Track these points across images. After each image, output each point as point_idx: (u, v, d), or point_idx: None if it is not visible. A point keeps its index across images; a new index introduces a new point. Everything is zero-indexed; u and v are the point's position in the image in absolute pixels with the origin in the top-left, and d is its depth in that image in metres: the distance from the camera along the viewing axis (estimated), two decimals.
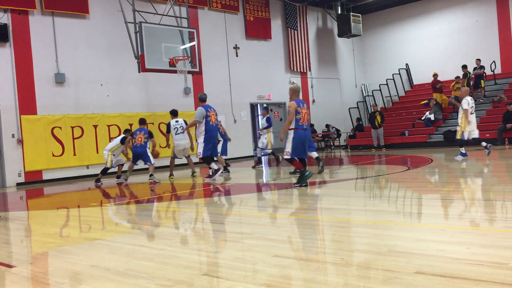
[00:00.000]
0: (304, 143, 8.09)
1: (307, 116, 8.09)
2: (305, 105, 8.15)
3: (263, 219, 6.00)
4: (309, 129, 8.29)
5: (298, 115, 7.95)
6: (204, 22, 17.53)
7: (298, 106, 7.97)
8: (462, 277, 2.99)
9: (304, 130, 8.04)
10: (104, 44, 14.98)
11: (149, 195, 9.57)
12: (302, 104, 8.06)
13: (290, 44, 20.60)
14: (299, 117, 7.95)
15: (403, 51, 22.62)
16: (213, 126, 10.33)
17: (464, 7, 20.90)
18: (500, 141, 15.27)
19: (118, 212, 7.73)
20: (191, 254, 4.25)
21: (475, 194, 6.85)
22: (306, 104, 8.30)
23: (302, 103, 8.09)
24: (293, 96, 8.26)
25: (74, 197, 10.38)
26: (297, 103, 8.01)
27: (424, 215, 5.50)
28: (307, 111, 8.15)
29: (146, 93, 16.01)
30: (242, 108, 18.80)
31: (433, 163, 11.54)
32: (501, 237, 4.04)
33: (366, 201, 6.67)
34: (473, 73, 18.01)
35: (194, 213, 6.94)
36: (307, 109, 8.18)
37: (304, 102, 8.20)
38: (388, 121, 19.21)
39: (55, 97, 14.03)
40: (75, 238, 5.52)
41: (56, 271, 3.99)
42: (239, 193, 8.93)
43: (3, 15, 13.15)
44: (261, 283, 3.16)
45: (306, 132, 8.12)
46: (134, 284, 3.35)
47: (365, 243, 4.17)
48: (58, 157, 13.84)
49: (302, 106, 8.03)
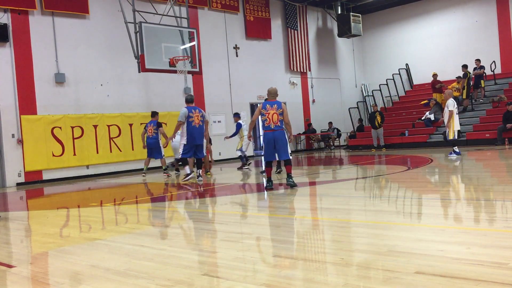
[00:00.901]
0: (274, 144, 8.02)
1: (276, 117, 7.96)
2: (274, 106, 8.01)
3: (263, 219, 6.00)
4: (279, 131, 8.02)
5: (263, 117, 8.07)
6: (204, 22, 17.53)
7: (263, 107, 8.08)
8: (462, 277, 2.99)
9: (272, 131, 8.02)
10: (104, 44, 14.98)
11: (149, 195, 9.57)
12: (270, 106, 8.03)
13: (290, 44, 20.60)
14: (264, 119, 8.07)
15: (403, 51, 22.61)
16: (195, 128, 10.22)
17: (464, 7, 20.90)
18: (500, 141, 15.27)
19: (118, 212, 7.73)
20: (191, 254, 4.25)
21: (475, 194, 6.85)
22: (282, 105, 8.08)
23: (271, 104, 8.04)
24: (268, 97, 8.36)
25: (74, 197, 10.38)
26: (263, 105, 8.14)
27: (424, 215, 5.50)
28: (276, 112, 7.96)
29: (146, 93, 16.01)
30: (242, 108, 18.78)
31: (433, 163, 11.54)
32: (501, 237, 4.04)
33: (366, 201, 6.67)
34: (473, 73, 18.01)
35: (194, 213, 6.94)
36: (278, 109, 7.97)
37: (276, 103, 8.06)
38: (388, 121, 19.21)
39: (55, 97, 14.02)
40: (75, 238, 5.52)
41: (56, 271, 3.99)
42: (239, 193, 8.93)
43: (3, 15, 13.15)
44: (261, 283, 3.16)
45: (275, 133, 8.02)
46: (134, 284, 3.35)
47: (365, 243, 4.17)
48: (58, 157, 13.84)
49: (270, 107, 8.02)
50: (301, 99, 21.34)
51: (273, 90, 8.38)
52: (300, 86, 21.24)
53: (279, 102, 8.19)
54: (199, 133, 10.30)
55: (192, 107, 10.39)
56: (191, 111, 10.27)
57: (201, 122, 10.33)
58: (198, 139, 10.33)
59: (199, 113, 10.36)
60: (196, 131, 10.23)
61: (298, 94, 21.17)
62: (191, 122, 10.20)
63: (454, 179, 8.98)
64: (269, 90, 8.41)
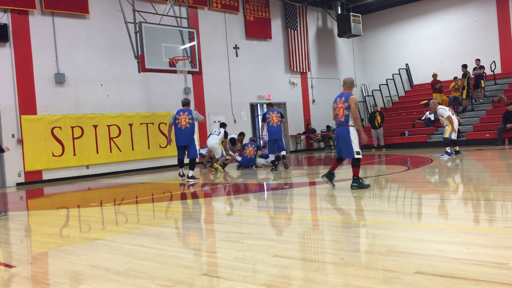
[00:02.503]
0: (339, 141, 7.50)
1: (341, 111, 7.30)
2: (343, 98, 7.34)
3: (263, 219, 6.00)
4: (342, 126, 7.41)
5: (334, 111, 7.46)
6: (204, 22, 17.52)
7: (334, 101, 7.44)
8: (462, 277, 2.99)
9: (337, 127, 7.50)
10: (104, 44, 14.98)
11: (148, 195, 9.57)
12: (340, 98, 7.38)
13: (290, 44, 20.59)
14: (335, 113, 7.45)
15: (403, 51, 22.61)
16: (180, 130, 10.75)
17: (464, 7, 20.89)
18: (500, 141, 15.27)
19: (118, 212, 7.73)
20: (191, 254, 4.25)
21: (475, 194, 6.85)
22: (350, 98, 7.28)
23: (340, 97, 7.39)
24: (343, 88, 7.56)
25: (74, 197, 10.37)
26: (335, 98, 7.46)
27: (424, 215, 5.50)
28: (343, 106, 7.28)
29: (146, 93, 16.01)
30: (242, 108, 18.80)
31: (433, 163, 11.53)
32: (501, 237, 4.04)
33: (366, 201, 6.67)
34: (473, 73, 18.01)
35: (194, 213, 6.94)
36: (344, 103, 7.27)
37: (344, 95, 7.35)
38: (388, 121, 19.20)
39: (55, 97, 14.02)
40: (75, 238, 5.52)
41: (56, 271, 3.99)
42: (239, 193, 8.93)
43: (3, 15, 13.15)
44: (261, 283, 3.16)
45: (338, 129, 7.48)
46: (134, 284, 3.35)
47: (365, 243, 4.17)
48: (58, 157, 13.83)
49: (339, 100, 7.37)
50: (301, 99, 21.33)
51: (349, 81, 7.50)
52: (300, 86, 21.24)
53: (348, 95, 7.33)
54: (184, 134, 10.72)
55: (182, 110, 10.91)
56: (179, 113, 10.84)
57: (188, 124, 10.74)
58: (183, 140, 10.74)
59: (187, 116, 10.78)
60: (181, 132, 10.73)
61: (298, 94, 21.17)
62: (177, 124, 10.78)
63: (454, 179, 8.98)
64: (345, 80, 7.53)
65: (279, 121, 11.92)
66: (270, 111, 12.11)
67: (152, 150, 15.77)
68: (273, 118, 11.91)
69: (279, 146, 11.92)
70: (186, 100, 11.18)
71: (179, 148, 11.01)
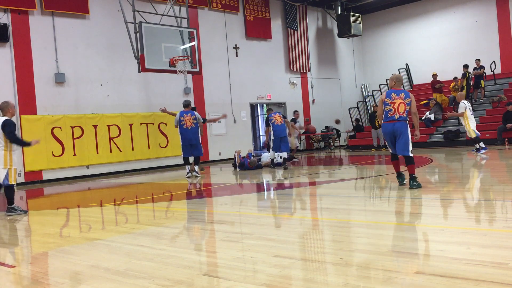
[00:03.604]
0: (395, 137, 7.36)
1: (403, 107, 7.22)
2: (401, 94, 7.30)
3: (263, 219, 6.00)
4: (402, 122, 7.28)
5: (387, 107, 7.31)
6: (204, 22, 17.52)
7: (387, 96, 7.33)
8: (462, 277, 2.99)
9: (393, 122, 7.27)
10: (104, 44, 14.97)
11: (148, 195, 9.57)
12: (396, 94, 7.31)
13: (290, 44, 20.59)
14: (388, 109, 7.31)
15: (403, 51, 22.61)
16: (187, 130, 11.50)
17: (464, 7, 20.89)
18: (500, 141, 15.27)
19: (118, 212, 7.73)
20: (191, 254, 4.25)
21: (475, 194, 6.85)
22: (410, 95, 7.37)
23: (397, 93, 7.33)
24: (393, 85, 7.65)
25: (74, 197, 10.38)
26: (387, 94, 7.37)
27: (424, 215, 5.50)
28: (404, 101, 7.21)
29: (146, 93, 16.00)
30: (242, 108, 18.79)
31: (433, 163, 11.54)
32: (501, 237, 4.04)
33: (366, 201, 6.67)
34: (473, 73, 18.01)
35: (194, 213, 6.94)
36: (405, 99, 7.25)
37: (403, 91, 7.40)
38: None
39: (55, 97, 14.01)
40: (75, 238, 5.52)
41: (56, 271, 3.99)
42: (239, 193, 8.93)
43: (3, 15, 13.14)
44: (261, 283, 3.16)
45: (395, 124, 7.27)
46: (134, 284, 3.35)
47: (365, 243, 4.17)
48: (58, 157, 13.83)
49: (395, 96, 7.30)
50: (301, 99, 21.33)
51: (401, 77, 7.56)
52: (300, 86, 21.23)
53: (406, 91, 7.44)
54: (191, 133, 11.53)
55: (185, 111, 11.64)
56: (182, 115, 11.57)
57: (193, 124, 11.53)
58: (191, 139, 11.57)
59: (191, 116, 11.55)
60: (187, 132, 11.52)
61: (298, 94, 21.16)
62: (183, 125, 11.51)
63: (454, 179, 8.98)
64: (394, 77, 7.56)
65: (282, 120, 12.59)
66: (273, 114, 12.71)
67: (152, 150, 15.77)
68: (276, 118, 12.53)
69: (283, 145, 12.44)
70: (187, 102, 11.93)
71: (186, 146, 11.62)
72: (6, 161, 7.33)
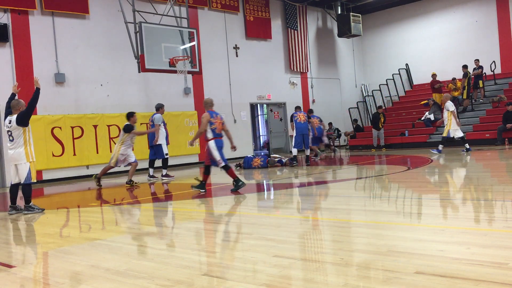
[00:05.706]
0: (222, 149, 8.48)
1: (221, 126, 8.42)
2: (218, 115, 8.49)
3: (263, 219, 6.00)
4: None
5: (212, 126, 8.30)
6: (204, 22, 17.52)
7: (211, 117, 8.33)
8: (462, 277, 2.99)
9: (221, 138, 8.46)
10: (104, 44, 14.97)
11: (148, 195, 9.57)
12: (215, 115, 8.42)
13: (290, 44, 20.58)
14: (214, 127, 8.31)
15: (403, 51, 22.60)
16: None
17: (464, 7, 20.89)
18: (500, 141, 15.28)
19: (118, 212, 7.73)
20: (191, 254, 4.25)
21: (475, 194, 6.85)
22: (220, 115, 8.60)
23: (215, 114, 8.45)
24: (206, 107, 8.58)
25: (74, 197, 10.38)
26: (210, 114, 8.36)
27: (424, 215, 5.51)
28: (222, 121, 8.47)
29: (146, 93, 16.00)
30: (242, 108, 18.79)
31: (433, 163, 11.54)
32: (501, 237, 4.04)
33: (366, 201, 6.67)
34: (472, 74, 18.01)
35: (194, 213, 6.94)
36: (222, 119, 8.52)
37: (217, 113, 8.52)
38: (388, 121, 19.20)
39: (55, 97, 14.01)
40: (75, 238, 5.52)
41: (56, 271, 3.99)
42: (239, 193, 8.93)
43: (3, 15, 13.14)
44: (261, 283, 3.16)
45: (222, 140, 8.53)
46: (134, 284, 3.35)
47: (365, 243, 4.17)
48: (58, 157, 13.82)
49: (215, 116, 8.39)
50: (301, 99, 21.32)
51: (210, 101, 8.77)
52: (300, 86, 21.23)
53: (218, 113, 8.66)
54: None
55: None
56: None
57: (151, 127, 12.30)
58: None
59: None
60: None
61: (298, 94, 21.16)
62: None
63: (454, 179, 8.99)
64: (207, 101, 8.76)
65: (305, 119, 13.45)
66: (297, 112, 13.67)
67: None
68: (300, 116, 13.41)
69: (306, 142, 13.41)
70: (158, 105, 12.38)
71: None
72: (28, 155, 7.84)
